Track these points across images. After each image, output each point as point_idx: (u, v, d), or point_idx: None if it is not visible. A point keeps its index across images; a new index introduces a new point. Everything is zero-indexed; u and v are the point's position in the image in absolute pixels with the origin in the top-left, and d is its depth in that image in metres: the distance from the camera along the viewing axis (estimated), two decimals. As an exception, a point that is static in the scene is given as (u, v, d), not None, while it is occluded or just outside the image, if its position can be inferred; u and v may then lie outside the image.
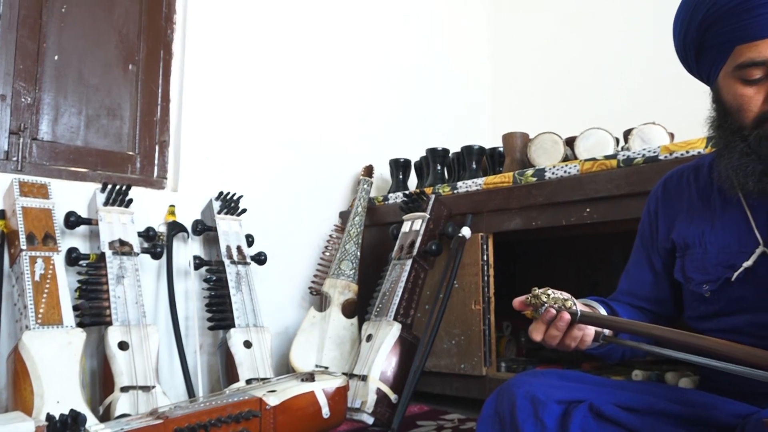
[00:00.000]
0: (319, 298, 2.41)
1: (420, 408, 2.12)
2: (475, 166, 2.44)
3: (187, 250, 2.19)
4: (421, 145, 2.70)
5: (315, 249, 2.59)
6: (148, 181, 2.24)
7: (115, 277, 1.85)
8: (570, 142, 2.16)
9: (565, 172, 1.97)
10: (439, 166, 2.57)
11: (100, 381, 1.80)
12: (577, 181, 1.91)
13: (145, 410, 1.61)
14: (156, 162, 2.27)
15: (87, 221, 1.94)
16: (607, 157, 1.89)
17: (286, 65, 2.61)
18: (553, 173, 2.00)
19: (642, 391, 1.02)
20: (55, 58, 2.07)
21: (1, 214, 1.83)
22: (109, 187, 1.97)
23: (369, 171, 2.65)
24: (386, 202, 2.55)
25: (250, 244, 2.26)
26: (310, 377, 1.69)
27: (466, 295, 2.14)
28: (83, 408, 1.57)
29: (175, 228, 2.13)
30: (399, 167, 2.71)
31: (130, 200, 1.99)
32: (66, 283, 1.73)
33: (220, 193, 2.24)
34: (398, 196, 2.48)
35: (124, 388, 1.70)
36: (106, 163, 2.16)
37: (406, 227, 2.27)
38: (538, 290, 0.96)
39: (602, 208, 1.86)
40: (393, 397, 1.91)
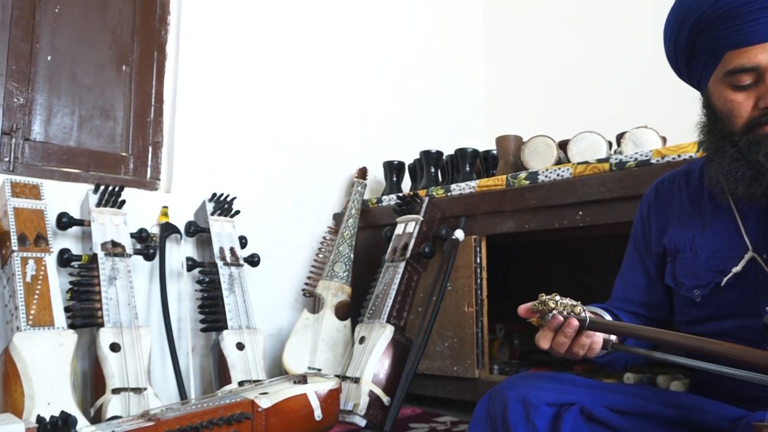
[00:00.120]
0: (313, 300, 2.41)
1: (413, 410, 2.12)
2: (468, 169, 2.44)
3: (180, 251, 2.18)
4: (415, 148, 2.70)
5: (308, 251, 2.59)
6: (141, 182, 2.23)
7: (107, 278, 1.85)
8: (563, 146, 2.17)
9: (558, 175, 1.97)
10: (433, 169, 2.58)
11: (92, 383, 1.79)
12: (570, 185, 1.92)
13: (137, 412, 1.61)
14: (149, 163, 2.26)
15: (79, 222, 1.93)
16: (599, 161, 1.90)
17: (280, 67, 2.61)
18: (546, 176, 2.00)
19: (633, 394, 1.02)
20: (48, 58, 2.06)
21: (-7, 215, 1.83)
22: (102, 188, 1.96)
23: (363, 173, 2.65)
24: (380, 205, 2.56)
25: (244, 245, 2.25)
26: (303, 379, 1.68)
27: (459, 298, 2.14)
28: (74, 410, 1.57)
29: (168, 229, 2.12)
30: (393, 169, 2.71)
31: (123, 201, 1.99)
32: (58, 284, 1.72)
33: (214, 194, 2.24)
34: (392, 199, 2.48)
35: (116, 390, 1.70)
36: (99, 164, 2.15)
37: (399, 229, 2.28)
38: (546, 296, 0.93)
39: (595, 212, 1.87)
40: (386, 399, 1.91)
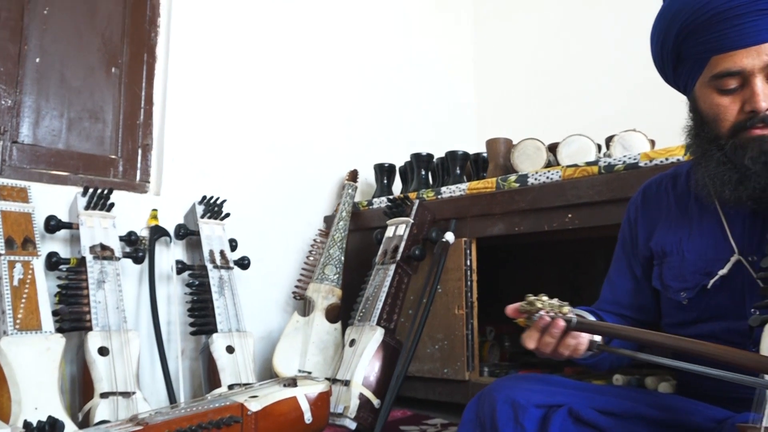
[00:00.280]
0: (303, 303, 2.41)
1: (403, 413, 2.12)
2: (459, 172, 2.45)
3: (169, 254, 2.17)
4: (405, 150, 2.71)
5: (299, 253, 2.58)
6: (131, 185, 2.22)
7: (95, 281, 1.84)
8: (553, 149, 2.18)
9: (548, 178, 1.98)
10: (424, 171, 2.58)
11: (80, 387, 1.78)
12: (559, 187, 1.93)
13: (125, 416, 1.60)
14: (139, 166, 2.25)
15: (68, 225, 1.92)
16: (588, 164, 1.91)
17: (271, 70, 2.60)
18: (536, 179, 2.01)
19: (621, 395, 1.03)
20: (37, 60, 2.05)
21: (-20, 218, 1.81)
22: (91, 190, 1.95)
23: (354, 176, 2.65)
24: (370, 207, 2.56)
25: (234, 248, 2.25)
26: (293, 382, 1.68)
27: (450, 300, 2.14)
28: (62, 415, 1.55)
29: (158, 232, 2.11)
30: (384, 172, 2.71)
31: (112, 204, 1.98)
32: (45, 288, 1.71)
33: (204, 197, 2.23)
34: (382, 201, 2.48)
35: (104, 394, 1.69)
36: (88, 167, 2.14)
37: (390, 232, 2.28)
38: (533, 297, 0.94)
39: (584, 214, 1.87)
40: (376, 402, 1.91)
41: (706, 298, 1.03)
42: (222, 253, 2.16)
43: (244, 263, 2.26)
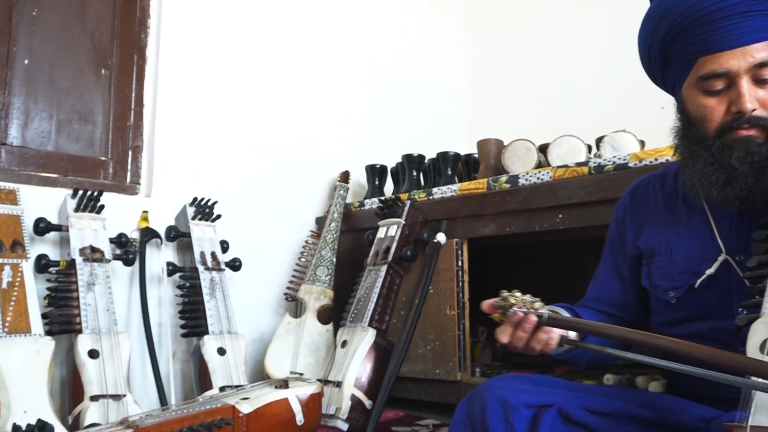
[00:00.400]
0: (295, 304, 2.41)
1: (395, 413, 2.12)
2: (450, 173, 2.45)
3: (160, 256, 2.16)
4: (397, 151, 2.71)
5: (291, 255, 2.58)
6: (121, 187, 2.21)
7: (85, 284, 1.83)
8: (543, 149, 2.19)
9: (538, 178, 1.99)
10: (415, 172, 2.59)
11: (70, 390, 1.77)
12: (550, 188, 1.93)
13: (116, 419, 1.59)
14: (129, 167, 2.24)
15: (57, 227, 1.91)
16: (578, 164, 1.92)
17: (262, 71, 2.60)
18: (527, 180, 2.02)
19: (611, 395, 1.03)
20: (26, 62, 2.04)
21: (-32, 220, 1.80)
22: (80, 192, 1.94)
23: (345, 177, 2.65)
24: (362, 208, 2.56)
25: (225, 250, 2.24)
26: (284, 384, 1.68)
27: (441, 301, 2.15)
28: (51, 418, 1.55)
29: (148, 234, 2.10)
30: (375, 173, 2.71)
31: (102, 206, 1.97)
32: (35, 290, 1.70)
33: (195, 198, 2.22)
34: (374, 202, 2.48)
35: (94, 397, 1.68)
36: (78, 169, 2.12)
37: (381, 233, 2.28)
38: (506, 293, 0.97)
39: (574, 214, 1.88)
40: (368, 403, 1.91)
41: (694, 298, 1.04)
42: (213, 254, 2.15)
43: (235, 265, 2.25)
